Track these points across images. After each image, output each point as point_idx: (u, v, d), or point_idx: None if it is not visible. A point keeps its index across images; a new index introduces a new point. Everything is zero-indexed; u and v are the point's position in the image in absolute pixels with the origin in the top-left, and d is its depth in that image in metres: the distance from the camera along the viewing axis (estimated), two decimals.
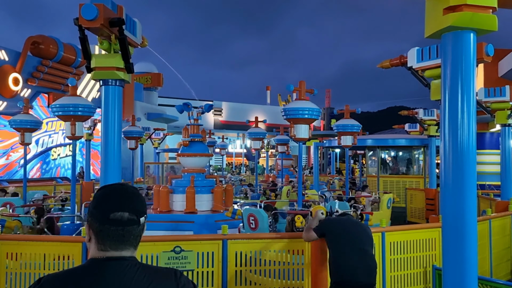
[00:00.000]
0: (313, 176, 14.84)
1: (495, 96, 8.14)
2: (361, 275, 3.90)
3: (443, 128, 2.59)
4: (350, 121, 10.54)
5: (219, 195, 8.97)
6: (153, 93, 26.04)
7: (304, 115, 7.38)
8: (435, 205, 12.00)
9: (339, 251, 4.02)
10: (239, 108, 39.83)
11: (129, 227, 1.52)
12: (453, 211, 2.56)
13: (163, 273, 1.57)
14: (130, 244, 1.54)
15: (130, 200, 1.56)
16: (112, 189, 1.60)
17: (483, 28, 2.49)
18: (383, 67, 7.01)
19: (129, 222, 1.52)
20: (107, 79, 4.51)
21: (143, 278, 1.49)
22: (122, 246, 1.52)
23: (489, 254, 6.61)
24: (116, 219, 1.50)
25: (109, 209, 1.51)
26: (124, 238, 1.52)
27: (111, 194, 1.57)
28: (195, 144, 9.42)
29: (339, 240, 4.08)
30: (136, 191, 1.62)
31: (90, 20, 3.97)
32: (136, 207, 1.55)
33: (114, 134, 4.56)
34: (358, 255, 3.97)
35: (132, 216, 1.52)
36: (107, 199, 1.56)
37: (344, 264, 3.94)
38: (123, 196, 1.56)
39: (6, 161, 15.94)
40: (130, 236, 1.53)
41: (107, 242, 1.51)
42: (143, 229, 1.59)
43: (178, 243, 4.80)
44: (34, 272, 4.77)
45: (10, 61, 15.50)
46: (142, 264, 1.55)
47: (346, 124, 10.52)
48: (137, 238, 1.56)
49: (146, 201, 2.30)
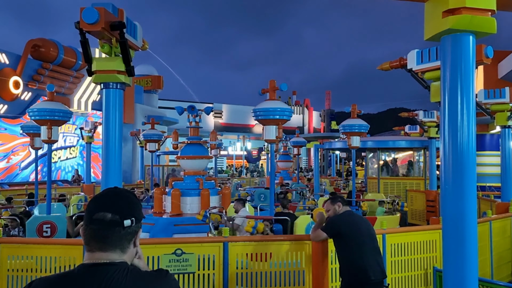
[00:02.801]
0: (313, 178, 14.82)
1: (494, 98, 8.16)
2: (377, 273, 3.94)
3: (443, 130, 2.60)
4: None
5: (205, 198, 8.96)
6: (154, 96, 26.06)
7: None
8: (436, 206, 11.99)
9: (355, 252, 3.98)
10: (239, 111, 39.87)
11: (112, 228, 1.50)
12: (454, 213, 2.57)
13: (152, 276, 1.56)
14: (114, 246, 1.51)
15: (115, 201, 1.55)
16: (105, 192, 1.61)
17: (482, 31, 2.50)
18: (383, 69, 7.02)
19: (112, 223, 1.49)
20: (108, 82, 4.52)
21: (131, 283, 1.48)
22: (107, 247, 1.50)
23: (490, 255, 6.61)
24: (98, 219, 1.49)
25: (94, 210, 1.52)
26: (107, 240, 1.50)
27: (100, 196, 1.59)
28: (195, 146, 9.44)
29: (355, 239, 4.01)
30: (128, 194, 1.60)
31: (91, 23, 3.99)
32: (123, 209, 1.53)
33: (115, 137, 4.57)
34: (372, 254, 4.00)
35: (115, 217, 1.50)
36: (95, 200, 1.57)
37: (361, 264, 3.93)
38: (110, 197, 1.57)
39: (6, 164, 15.95)
40: (113, 238, 1.50)
41: (91, 243, 1.51)
42: (133, 233, 1.56)
43: (179, 246, 4.80)
44: (35, 275, 4.76)
45: (11, 64, 15.52)
46: (131, 269, 1.54)
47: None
48: (122, 241, 1.52)
49: None
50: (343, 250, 4.12)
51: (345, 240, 4.08)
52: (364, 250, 3.98)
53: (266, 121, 7.15)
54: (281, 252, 5.05)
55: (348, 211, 4.26)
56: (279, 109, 7.09)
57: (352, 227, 4.08)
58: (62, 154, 18.90)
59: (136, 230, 1.58)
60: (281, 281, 5.03)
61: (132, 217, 1.55)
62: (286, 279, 5.04)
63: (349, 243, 4.05)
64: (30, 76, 16.26)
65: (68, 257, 4.81)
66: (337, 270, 4.73)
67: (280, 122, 7.21)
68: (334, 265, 4.97)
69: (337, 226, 4.17)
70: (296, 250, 5.05)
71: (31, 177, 16.83)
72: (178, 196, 8.88)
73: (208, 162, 9.97)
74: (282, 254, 5.04)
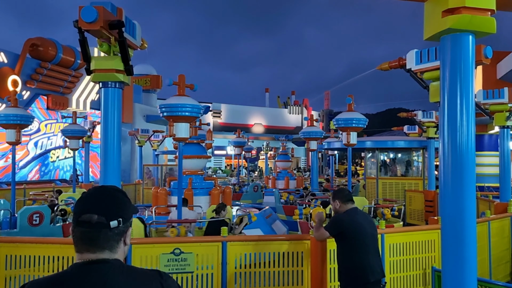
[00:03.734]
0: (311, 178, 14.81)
1: (493, 98, 8.16)
2: (378, 273, 3.95)
3: (442, 130, 2.60)
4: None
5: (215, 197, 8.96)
6: (152, 95, 26.05)
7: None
8: (434, 206, 12.02)
9: (357, 252, 3.93)
10: (238, 110, 39.89)
11: (98, 230, 1.47)
12: (452, 213, 2.56)
13: (148, 274, 1.55)
14: (102, 248, 1.49)
15: (102, 202, 1.52)
16: (92, 191, 1.57)
17: (481, 31, 2.49)
18: (382, 69, 7.01)
19: (97, 225, 1.47)
20: (106, 81, 4.51)
21: (126, 280, 1.47)
22: (94, 249, 1.48)
23: (488, 255, 6.62)
24: (84, 221, 1.47)
25: (80, 211, 1.49)
26: (94, 242, 1.48)
27: (87, 196, 1.54)
28: (193, 146, 9.43)
29: (359, 240, 3.96)
30: (116, 194, 1.57)
31: (90, 22, 3.97)
32: (109, 210, 1.50)
33: (113, 136, 4.56)
34: (374, 254, 4.01)
35: (101, 219, 1.47)
36: (81, 201, 1.53)
37: (366, 264, 3.91)
38: (97, 198, 1.53)
39: (5, 163, 15.91)
40: (99, 239, 1.48)
41: (78, 244, 1.49)
42: (122, 233, 1.53)
43: (178, 245, 4.80)
44: (33, 274, 4.76)
45: (9, 63, 15.48)
46: (125, 267, 1.53)
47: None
48: (110, 242, 1.50)
49: None
50: (345, 250, 4.04)
51: (348, 240, 4.00)
52: (367, 251, 3.94)
53: (176, 118, 6.84)
54: (280, 251, 5.05)
55: (352, 209, 4.11)
56: (190, 105, 6.78)
57: (356, 227, 3.98)
58: (61, 153, 18.87)
59: (124, 230, 1.54)
60: (279, 281, 5.03)
61: (119, 218, 1.52)
62: (284, 279, 5.04)
63: (351, 243, 3.98)
64: (28, 75, 16.22)
65: (66, 256, 4.80)
66: (336, 270, 4.72)
67: (190, 119, 6.97)
68: (333, 265, 4.95)
69: (340, 225, 4.06)
70: (295, 250, 5.05)
71: (29, 176, 16.81)
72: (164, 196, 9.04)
73: (206, 161, 9.96)
74: (281, 253, 5.04)
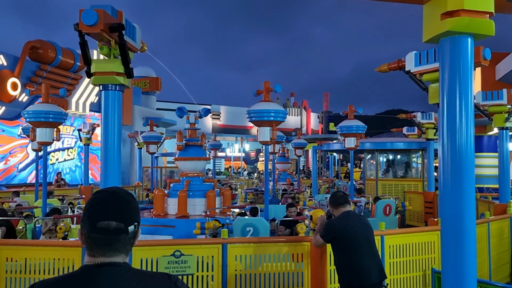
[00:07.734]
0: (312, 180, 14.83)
1: (492, 100, 8.19)
2: (375, 275, 3.93)
3: (441, 132, 2.61)
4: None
5: (211, 199, 8.90)
6: (152, 97, 26.04)
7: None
8: (434, 208, 12.03)
9: (353, 256, 3.94)
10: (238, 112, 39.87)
11: (116, 236, 1.48)
12: (452, 214, 2.58)
13: (157, 277, 1.55)
14: (119, 251, 1.50)
15: (119, 208, 1.51)
16: (103, 195, 1.55)
17: (480, 33, 2.51)
18: (381, 71, 7.02)
19: (116, 232, 1.48)
20: (107, 84, 4.52)
21: (137, 283, 1.47)
22: (111, 253, 1.49)
23: (488, 257, 6.63)
24: (103, 228, 1.47)
25: (97, 217, 1.48)
26: (111, 247, 1.48)
27: (101, 201, 1.53)
28: (192, 148, 9.42)
29: (352, 244, 3.97)
30: (129, 198, 1.57)
31: (90, 25, 3.98)
32: (125, 215, 1.51)
33: (114, 138, 4.57)
34: (370, 257, 3.98)
35: (120, 225, 1.48)
36: (96, 206, 1.52)
37: (359, 268, 3.91)
38: (112, 203, 1.52)
39: (4, 166, 15.91)
40: (118, 244, 1.49)
41: (94, 249, 1.49)
42: (135, 236, 1.56)
43: (178, 247, 4.80)
44: (34, 277, 4.76)
45: (9, 66, 15.49)
46: (135, 270, 1.53)
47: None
48: (126, 246, 1.52)
49: None
50: (339, 254, 4.09)
51: (341, 245, 4.05)
52: (360, 255, 3.95)
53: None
54: (280, 253, 5.06)
55: (345, 213, 4.13)
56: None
57: (347, 232, 4.00)
58: (60, 156, 18.86)
59: (136, 232, 1.57)
60: (280, 283, 5.03)
61: (135, 222, 1.54)
62: (285, 281, 5.04)
63: (344, 247, 4.02)
64: (28, 77, 16.23)
65: (66, 258, 4.80)
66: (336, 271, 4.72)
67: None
68: (333, 267, 4.95)
69: (332, 231, 4.12)
70: (295, 252, 5.06)
71: (28, 178, 16.79)
72: (184, 198, 8.85)
73: (205, 163, 9.96)
74: (281, 255, 5.04)
